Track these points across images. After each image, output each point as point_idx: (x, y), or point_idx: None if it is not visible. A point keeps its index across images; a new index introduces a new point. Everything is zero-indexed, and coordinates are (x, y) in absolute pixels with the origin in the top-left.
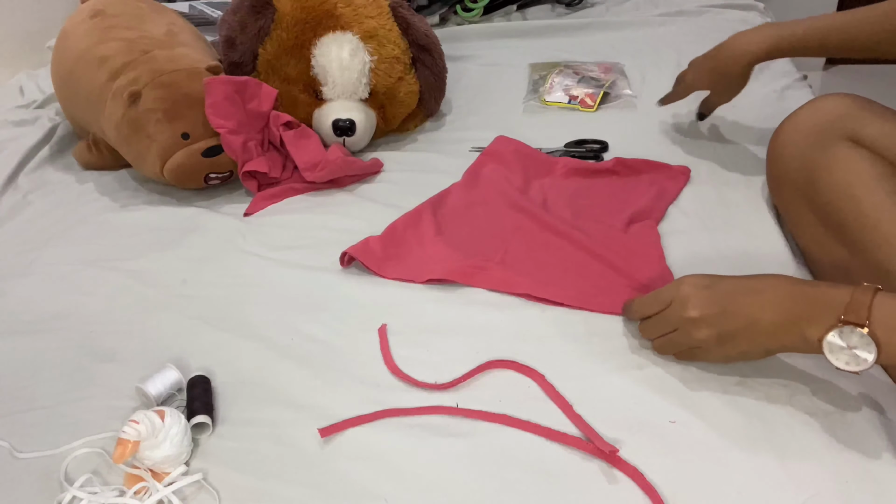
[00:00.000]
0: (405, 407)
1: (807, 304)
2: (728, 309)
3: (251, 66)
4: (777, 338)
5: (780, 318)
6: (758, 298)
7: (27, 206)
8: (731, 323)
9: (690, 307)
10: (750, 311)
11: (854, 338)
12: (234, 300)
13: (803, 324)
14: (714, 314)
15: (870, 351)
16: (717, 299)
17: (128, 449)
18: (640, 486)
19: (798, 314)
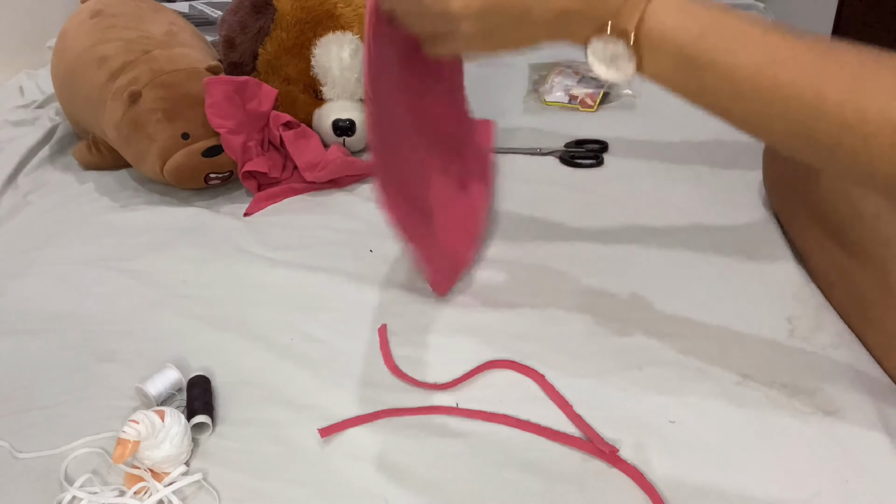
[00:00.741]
0: (405, 407)
1: (581, 1)
2: (498, 4)
3: (251, 66)
4: (544, 32)
5: (553, 15)
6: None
7: (27, 206)
8: (497, 19)
9: (456, 5)
10: (522, 7)
11: (617, 47)
12: (234, 300)
13: (575, 19)
14: (482, 8)
15: (630, 64)
16: (488, 2)
17: (128, 449)
18: (640, 486)
19: (571, 9)
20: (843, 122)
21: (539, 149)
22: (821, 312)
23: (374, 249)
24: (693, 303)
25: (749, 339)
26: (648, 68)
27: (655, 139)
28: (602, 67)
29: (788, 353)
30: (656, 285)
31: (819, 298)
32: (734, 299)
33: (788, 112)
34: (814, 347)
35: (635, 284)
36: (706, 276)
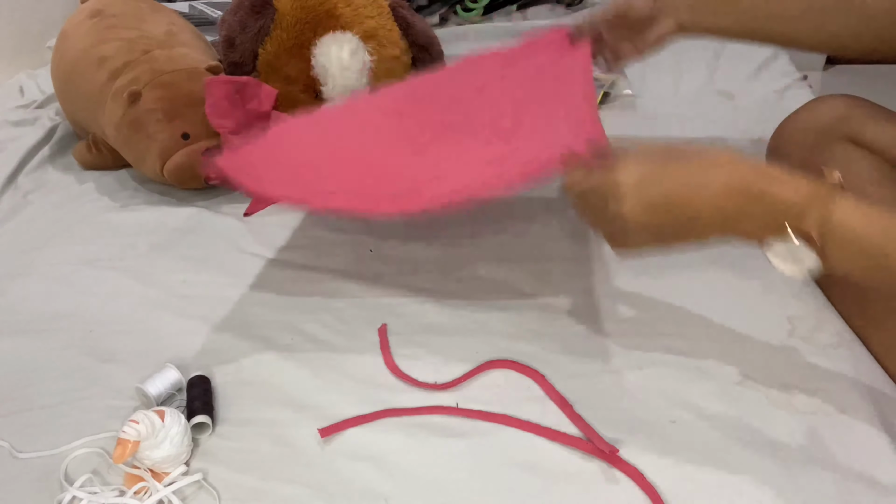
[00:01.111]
0: (405, 407)
1: (753, 204)
2: (663, 213)
3: (251, 66)
4: (711, 233)
5: (716, 219)
6: (695, 200)
7: (27, 206)
8: (665, 227)
9: (625, 207)
10: (686, 215)
11: (801, 248)
12: (234, 300)
13: (742, 220)
14: (650, 219)
15: (814, 262)
16: (653, 203)
17: (128, 449)
18: (640, 486)
19: (735, 213)
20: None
21: None
22: (821, 312)
23: (374, 249)
24: (693, 303)
25: (749, 339)
26: (834, 263)
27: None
28: (784, 265)
29: (788, 353)
30: (656, 285)
31: (819, 298)
32: (734, 299)
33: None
34: (814, 347)
35: (635, 284)
36: (706, 275)
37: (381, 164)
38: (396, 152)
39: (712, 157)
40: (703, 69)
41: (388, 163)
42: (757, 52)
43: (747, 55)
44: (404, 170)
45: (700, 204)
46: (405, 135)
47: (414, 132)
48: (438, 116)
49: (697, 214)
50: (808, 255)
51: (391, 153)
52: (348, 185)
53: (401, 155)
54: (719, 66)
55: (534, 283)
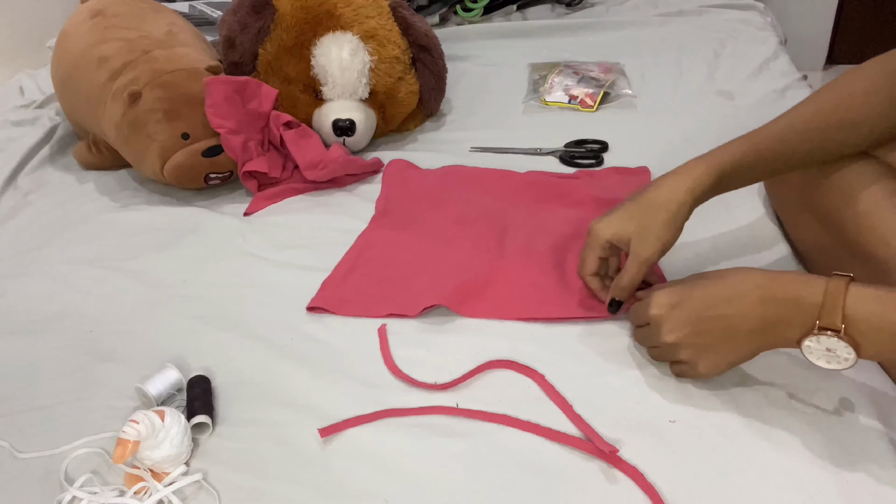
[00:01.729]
0: (405, 407)
1: (781, 309)
2: (702, 328)
3: (251, 66)
4: (758, 342)
5: (757, 326)
6: (729, 309)
7: (27, 206)
8: (708, 339)
9: (665, 332)
10: (725, 325)
11: (832, 341)
12: (234, 300)
13: (780, 327)
14: (689, 334)
15: (849, 352)
16: (689, 319)
17: (128, 449)
18: (640, 486)
19: (774, 319)
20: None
21: (539, 149)
22: None
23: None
24: None
25: None
26: (868, 350)
27: (655, 139)
28: (823, 362)
29: (788, 353)
30: None
31: None
32: None
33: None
34: None
35: None
36: None
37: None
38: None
39: (724, 280)
40: (703, 69)
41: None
42: (757, 52)
43: (747, 55)
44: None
45: (730, 319)
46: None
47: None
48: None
49: (734, 327)
50: (843, 348)
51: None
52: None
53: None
54: (719, 66)
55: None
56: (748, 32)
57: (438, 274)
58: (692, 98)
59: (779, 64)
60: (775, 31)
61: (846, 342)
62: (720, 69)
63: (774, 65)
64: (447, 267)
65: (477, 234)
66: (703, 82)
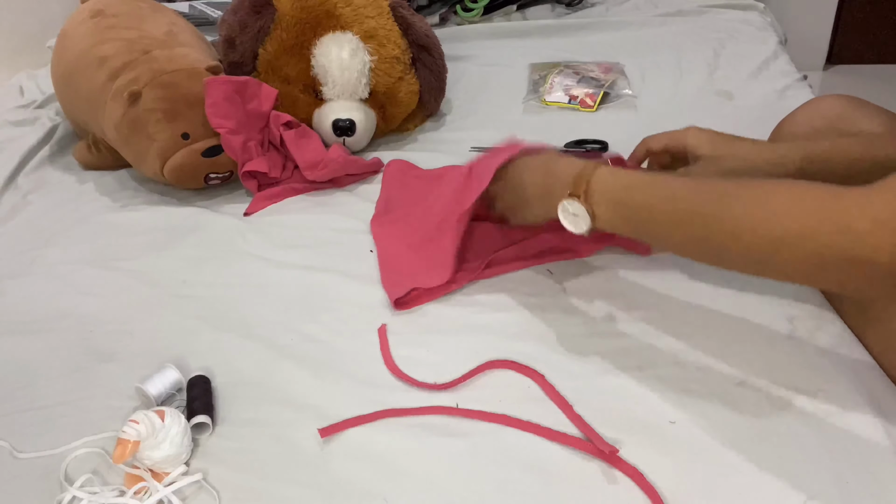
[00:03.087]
0: (405, 407)
1: (551, 181)
2: (509, 185)
3: (251, 66)
4: (541, 207)
5: (537, 192)
6: (527, 176)
7: (27, 206)
8: (511, 197)
9: (498, 185)
10: (521, 186)
11: (574, 205)
12: (234, 300)
13: (551, 196)
14: (502, 190)
15: (586, 216)
16: (508, 178)
17: (128, 449)
18: (640, 486)
19: (547, 187)
20: (714, 227)
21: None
22: (821, 312)
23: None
24: (693, 303)
25: (749, 339)
26: (599, 216)
27: None
28: (571, 224)
29: (788, 353)
30: (656, 285)
31: (819, 298)
32: (734, 299)
33: (681, 227)
34: (814, 347)
35: (635, 284)
36: (706, 276)
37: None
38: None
39: (542, 155)
40: (703, 69)
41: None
42: (757, 52)
43: (747, 55)
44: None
45: (526, 183)
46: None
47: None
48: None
49: (526, 192)
50: (582, 212)
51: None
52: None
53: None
54: (719, 66)
55: (534, 283)
56: (748, 32)
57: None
58: (692, 98)
59: (779, 64)
60: (775, 31)
61: (584, 207)
62: (720, 69)
63: (774, 65)
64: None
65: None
66: (703, 82)
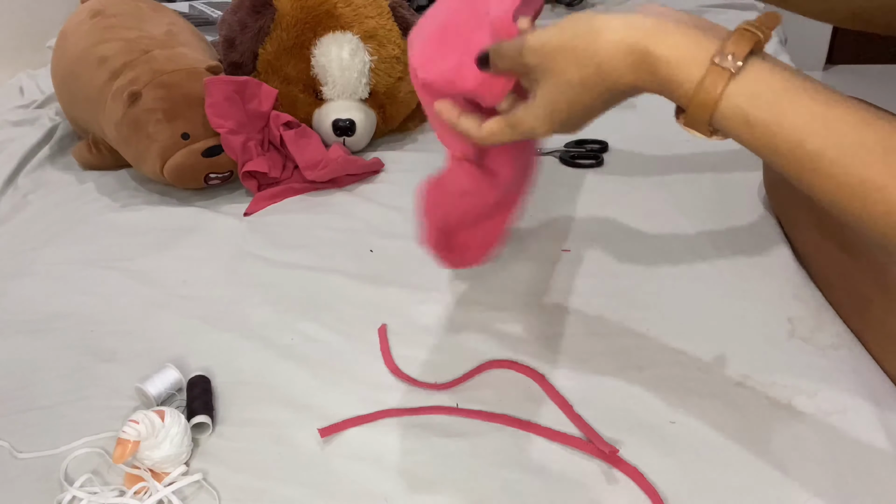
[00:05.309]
0: (405, 407)
1: (648, 82)
2: (564, 58)
3: (251, 66)
4: (609, 99)
5: (631, 85)
6: (601, 40)
7: (27, 206)
8: (565, 74)
9: (540, 121)
10: (590, 54)
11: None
12: (234, 300)
13: (636, 90)
14: (546, 62)
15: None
16: (558, 48)
17: (128, 449)
18: (640, 486)
19: (649, 85)
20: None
21: (539, 149)
22: (821, 312)
23: (374, 249)
24: (693, 303)
25: (749, 339)
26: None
27: (655, 139)
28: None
29: (788, 353)
30: (656, 285)
31: (819, 298)
32: (734, 299)
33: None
34: (814, 347)
35: (635, 284)
36: (706, 276)
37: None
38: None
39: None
40: None
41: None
42: None
43: None
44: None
45: (608, 75)
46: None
47: None
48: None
49: (594, 59)
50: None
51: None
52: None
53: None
54: None
55: (534, 282)
56: None
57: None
58: None
59: None
60: (775, 30)
61: (701, 132)
62: None
63: None
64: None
65: None
66: None
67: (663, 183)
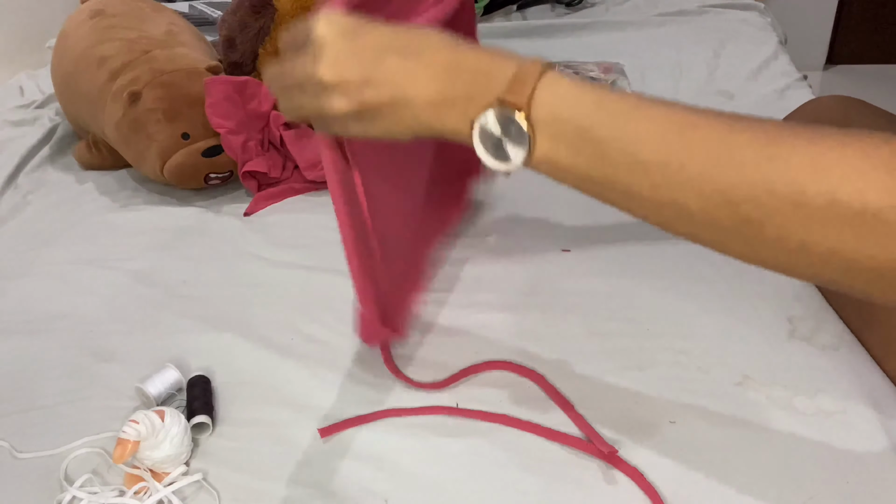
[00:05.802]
0: (405, 407)
1: (468, 79)
2: (372, 76)
3: (251, 66)
4: (427, 118)
5: (435, 96)
6: (412, 65)
7: (27, 206)
8: (371, 95)
9: (324, 64)
10: (400, 82)
11: (509, 126)
12: (234, 300)
13: (460, 103)
14: (353, 82)
15: (521, 139)
16: (361, 59)
17: (128, 449)
18: (640, 486)
19: (457, 92)
20: (701, 193)
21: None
22: (821, 312)
23: None
24: (693, 303)
25: (749, 339)
26: (542, 144)
27: None
28: (490, 153)
29: (788, 353)
30: (656, 285)
31: (819, 298)
32: (734, 299)
33: (693, 185)
34: (814, 347)
35: (635, 284)
36: (706, 276)
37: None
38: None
39: (416, 30)
40: (703, 69)
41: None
42: (757, 52)
43: (747, 55)
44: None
45: (410, 77)
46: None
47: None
48: None
49: (408, 92)
50: (517, 132)
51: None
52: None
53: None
54: (719, 66)
55: (534, 282)
56: (748, 32)
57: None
58: (692, 98)
59: (779, 64)
60: (775, 31)
61: (524, 124)
62: (720, 69)
63: (774, 65)
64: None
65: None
66: (703, 82)
67: None
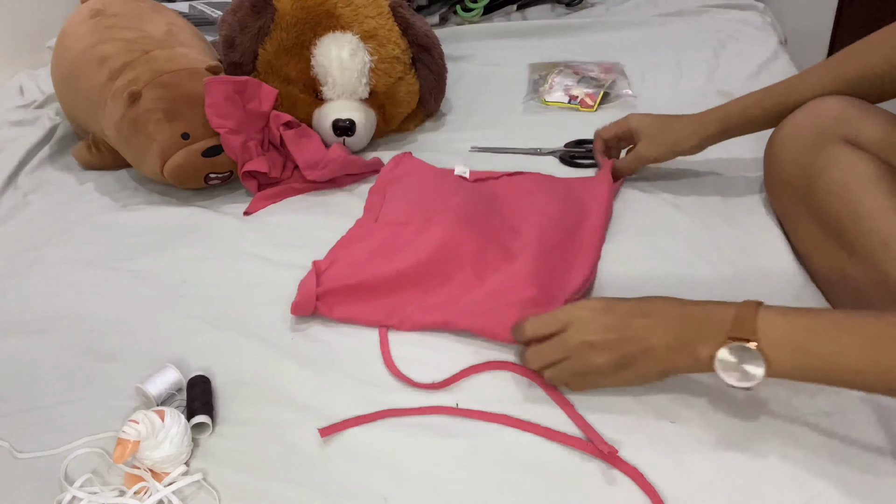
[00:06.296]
0: (405, 407)
1: (695, 324)
2: (625, 335)
3: (251, 66)
4: (671, 360)
5: (672, 341)
6: (649, 322)
7: (27, 206)
8: (627, 348)
9: (589, 331)
10: (644, 335)
11: (744, 354)
12: (234, 300)
13: (694, 344)
14: (612, 339)
15: (758, 365)
16: (615, 324)
17: (128, 449)
18: (640, 486)
19: (688, 335)
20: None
21: (539, 149)
22: None
23: None
24: None
25: None
26: (776, 362)
27: None
28: (734, 378)
29: None
30: (656, 285)
31: (819, 298)
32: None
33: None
34: None
35: (635, 284)
36: (707, 276)
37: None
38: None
39: (645, 299)
40: (703, 69)
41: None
42: (757, 52)
43: (747, 55)
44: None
45: (650, 330)
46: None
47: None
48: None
49: (652, 339)
50: (754, 359)
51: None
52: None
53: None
54: (719, 66)
55: None
56: (748, 32)
57: (427, 290)
58: (692, 98)
59: (779, 64)
60: (775, 31)
61: (758, 352)
62: (720, 69)
63: (774, 65)
64: (432, 281)
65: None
66: (703, 82)
67: (663, 183)
